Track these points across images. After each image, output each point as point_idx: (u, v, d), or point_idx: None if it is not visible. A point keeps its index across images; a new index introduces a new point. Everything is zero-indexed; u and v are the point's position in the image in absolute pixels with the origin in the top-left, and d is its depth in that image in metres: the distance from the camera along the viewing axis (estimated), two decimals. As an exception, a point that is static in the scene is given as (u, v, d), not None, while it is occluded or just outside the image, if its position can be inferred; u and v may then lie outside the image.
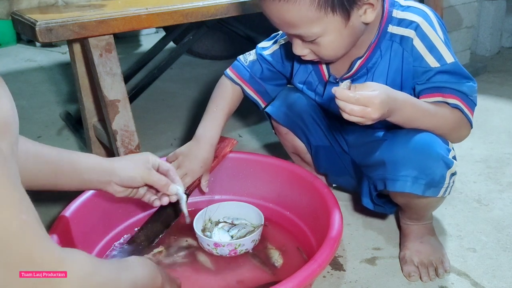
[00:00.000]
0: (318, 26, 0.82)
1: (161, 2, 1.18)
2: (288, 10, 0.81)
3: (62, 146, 1.61)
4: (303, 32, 0.84)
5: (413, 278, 0.93)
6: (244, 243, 0.97)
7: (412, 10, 0.89)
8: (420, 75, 0.89)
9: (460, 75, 0.88)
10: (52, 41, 1.04)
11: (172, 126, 1.73)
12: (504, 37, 2.51)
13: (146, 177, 0.84)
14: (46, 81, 2.35)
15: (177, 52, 1.69)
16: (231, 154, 1.12)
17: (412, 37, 0.88)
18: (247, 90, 1.10)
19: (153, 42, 1.99)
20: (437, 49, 0.87)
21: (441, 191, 0.86)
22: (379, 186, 0.91)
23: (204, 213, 1.06)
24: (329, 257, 0.77)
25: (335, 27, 0.83)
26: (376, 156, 0.90)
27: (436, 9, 1.75)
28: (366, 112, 0.76)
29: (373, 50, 0.91)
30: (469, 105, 0.87)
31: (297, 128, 1.10)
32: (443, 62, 0.87)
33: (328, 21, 0.82)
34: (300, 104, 1.07)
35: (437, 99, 0.88)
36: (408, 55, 0.89)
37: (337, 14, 0.81)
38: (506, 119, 1.67)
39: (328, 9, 0.80)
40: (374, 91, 0.76)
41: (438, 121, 0.86)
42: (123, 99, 1.15)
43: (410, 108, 0.82)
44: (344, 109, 0.76)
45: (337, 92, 0.75)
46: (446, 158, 0.85)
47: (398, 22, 0.89)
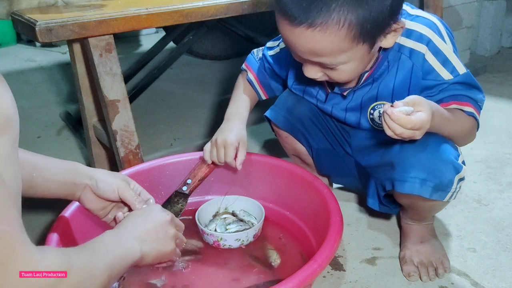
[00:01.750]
0: (345, 55, 0.79)
1: (161, 2, 1.18)
2: (319, 41, 0.76)
3: (62, 146, 1.62)
4: (327, 60, 0.80)
5: (412, 278, 0.93)
6: (226, 239, 0.99)
7: (421, 21, 0.88)
8: (431, 88, 0.89)
9: (471, 85, 0.89)
10: (52, 41, 1.04)
11: (172, 126, 1.73)
12: (504, 37, 2.51)
13: (122, 189, 0.81)
14: (46, 81, 2.35)
15: (177, 52, 1.69)
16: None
17: (424, 52, 0.87)
18: (253, 79, 1.12)
19: (153, 42, 1.99)
20: (450, 62, 0.87)
21: (447, 195, 0.86)
22: (387, 187, 0.91)
23: (221, 200, 1.10)
24: (329, 257, 0.77)
25: (360, 55, 0.81)
26: (385, 157, 0.91)
27: (436, 9, 1.75)
28: (415, 134, 0.74)
29: (380, 61, 0.90)
30: (478, 110, 0.89)
31: (297, 132, 1.09)
32: (456, 74, 0.87)
33: (355, 50, 0.79)
34: (300, 107, 1.07)
35: (452, 107, 0.88)
36: (418, 69, 0.88)
37: (365, 44, 0.79)
38: (506, 119, 1.67)
39: (360, 40, 0.77)
40: (423, 112, 0.73)
41: (454, 128, 0.87)
42: (123, 99, 1.15)
43: (438, 119, 0.80)
44: (395, 131, 0.73)
45: (393, 115, 0.72)
46: (456, 162, 0.85)
47: (407, 33, 0.88)
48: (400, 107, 0.73)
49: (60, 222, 0.89)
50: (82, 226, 0.93)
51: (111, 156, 1.34)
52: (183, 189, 1.03)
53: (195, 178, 1.05)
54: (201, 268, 0.95)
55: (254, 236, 1.02)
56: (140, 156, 1.20)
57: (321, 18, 0.73)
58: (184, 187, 1.03)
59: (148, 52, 1.89)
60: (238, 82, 1.15)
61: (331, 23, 0.73)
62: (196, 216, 1.04)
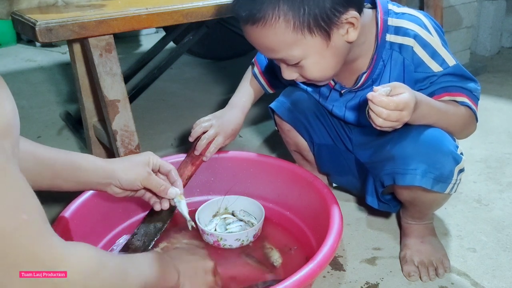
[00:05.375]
0: (298, 49, 0.82)
1: (161, 2, 1.18)
2: (266, 36, 0.81)
3: (62, 146, 1.62)
4: (284, 56, 0.84)
5: (413, 278, 0.93)
6: (226, 239, 0.99)
7: (407, 18, 0.89)
8: (422, 80, 0.89)
9: (463, 76, 0.89)
10: (52, 41, 1.04)
11: (172, 126, 1.73)
12: (504, 37, 2.51)
13: (145, 182, 0.84)
14: (46, 81, 2.35)
15: (177, 52, 1.69)
16: (232, 154, 1.12)
17: (412, 45, 0.88)
18: (258, 73, 1.14)
19: (153, 42, 1.99)
20: (439, 54, 0.88)
21: (448, 187, 0.87)
22: (386, 182, 0.91)
23: (221, 201, 1.10)
24: (329, 257, 0.77)
25: (315, 48, 0.83)
26: (385, 152, 0.91)
27: (436, 9, 1.75)
28: (402, 115, 0.75)
29: (376, 62, 0.91)
30: (474, 101, 0.89)
31: (300, 125, 1.10)
32: (445, 66, 0.88)
33: (307, 43, 0.82)
34: (304, 101, 1.08)
35: (445, 99, 0.88)
36: (409, 62, 0.89)
37: (316, 36, 0.81)
38: (506, 119, 1.67)
39: (305, 31, 0.80)
40: (404, 93, 0.75)
41: (450, 119, 0.87)
42: (123, 99, 1.15)
43: (426, 107, 0.82)
44: (381, 115, 0.74)
45: (374, 98, 0.73)
46: (455, 153, 0.85)
47: (395, 30, 0.89)
48: (379, 90, 0.75)
49: (60, 222, 0.89)
50: (82, 226, 0.93)
51: (111, 156, 1.34)
52: None
53: (182, 177, 1.05)
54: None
55: (254, 236, 1.02)
56: (140, 156, 1.20)
57: (259, 13, 0.79)
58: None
59: (148, 52, 1.89)
60: (246, 74, 1.18)
61: (268, 17, 0.79)
62: (196, 216, 1.04)
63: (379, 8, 0.89)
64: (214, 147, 1.06)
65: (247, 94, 1.14)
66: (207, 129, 1.06)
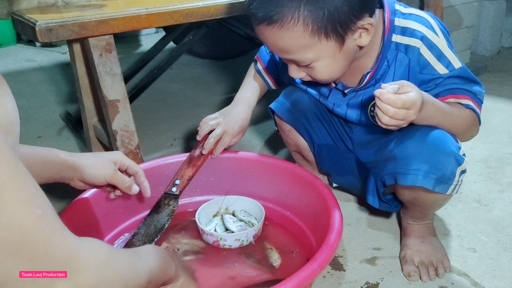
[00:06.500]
0: (312, 52, 0.82)
1: (161, 2, 1.18)
2: (281, 37, 0.81)
3: (62, 146, 1.62)
4: (296, 57, 0.84)
5: (413, 277, 0.93)
6: (226, 239, 0.99)
7: (414, 18, 0.89)
8: (428, 82, 0.89)
9: (468, 79, 0.89)
10: (52, 41, 1.04)
11: (172, 126, 1.73)
12: (504, 37, 2.51)
13: (109, 178, 0.88)
14: (46, 81, 2.35)
15: (177, 52, 1.69)
16: (232, 154, 1.12)
17: (419, 46, 0.88)
18: (261, 69, 1.14)
19: (153, 42, 1.99)
20: (446, 56, 0.88)
21: (450, 188, 0.87)
22: (388, 181, 0.91)
23: (222, 201, 1.10)
24: (329, 257, 0.77)
25: (329, 52, 0.83)
26: (387, 152, 0.91)
27: (436, 9, 1.75)
28: (408, 114, 0.75)
29: (380, 61, 0.91)
30: (478, 104, 0.89)
31: (300, 125, 1.10)
32: (451, 68, 0.88)
33: (322, 47, 0.82)
34: (304, 102, 1.08)
35: (450, 101, 0.88)
36: (414, 64, 0.89)
37: (331, 40, 0.81)
38: (506, 119, 1.67)
39: (322, 35, 0.80)
40: (412, 91, 0.75)
41: (454, 121, 0.87)
42: (123, 99, 1.15)
43: (432, 107, 0.82)
44: (387, 113, 0.74)
45: (382, 95, 0.74)
46: (458, 154, 0.85)
47: (402, 31, 0.89)
48: (387, 88, 0.75)
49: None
50: (82, 226, 0.93)
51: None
52: (172, 190, 1.04)
53: (183, 178, 1.05)
54: (201, 268, 0.94)
55: (254, 236, 1.02)
56: (140, 156, 1.21)
57: (277, 15, 0.78)
58: (174, 188, 1.04)
59: (148, 52, 1.89)
60: (249, 70, 1.18)
61: (286, 20, 0.78)
62: (196, 216, 1.04)
63: (386, 8, 0.89)
64: (221, 146, 1.07)
65: (253, 89, 1.14)
66: (214, 127, 1.06)
